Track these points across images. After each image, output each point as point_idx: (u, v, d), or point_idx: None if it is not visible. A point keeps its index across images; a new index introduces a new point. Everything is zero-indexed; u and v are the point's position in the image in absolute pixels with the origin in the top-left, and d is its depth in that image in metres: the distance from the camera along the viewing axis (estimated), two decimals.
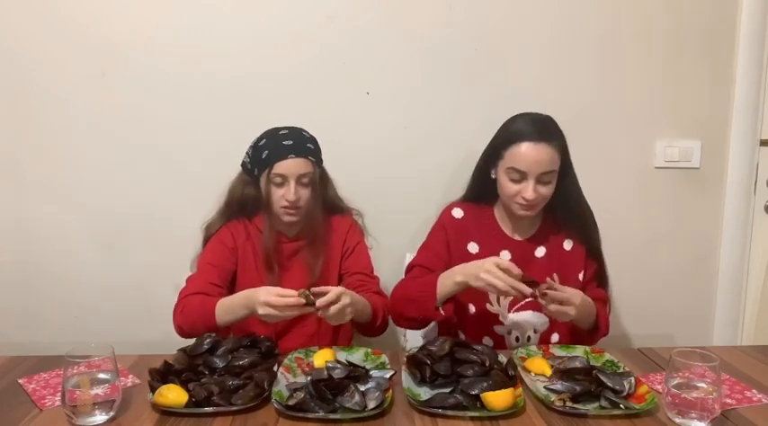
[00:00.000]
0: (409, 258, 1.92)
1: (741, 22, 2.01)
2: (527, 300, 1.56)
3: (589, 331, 1.53)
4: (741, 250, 2.14)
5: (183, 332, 1.48)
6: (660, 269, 2.14)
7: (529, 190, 1.49)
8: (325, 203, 1.65)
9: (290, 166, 1.53)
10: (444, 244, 1.63)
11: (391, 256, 1.91)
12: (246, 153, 1.62)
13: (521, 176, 1.50)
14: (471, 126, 1.98)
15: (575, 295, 1.41)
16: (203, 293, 1.50)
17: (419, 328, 1.63)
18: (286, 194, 1.54)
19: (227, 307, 1.43)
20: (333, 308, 1.32)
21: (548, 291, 1.39)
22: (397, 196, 2.01)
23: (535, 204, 1.53)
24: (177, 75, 1.93)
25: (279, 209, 1.57)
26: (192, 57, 1.92)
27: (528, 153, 1.48)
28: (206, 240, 1.65)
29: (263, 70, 1.94)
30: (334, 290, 1.33)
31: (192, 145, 1.96)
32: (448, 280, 1.44)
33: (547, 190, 1.52)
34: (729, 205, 2.11)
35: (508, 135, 1.54)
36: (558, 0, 1.98)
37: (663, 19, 2.01)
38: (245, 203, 1.63)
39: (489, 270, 1.35)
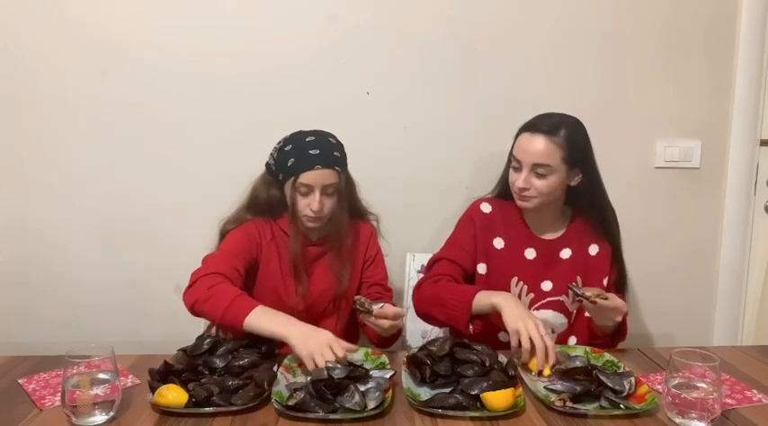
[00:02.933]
0: (410, 259, 1.93)
1: (741, 22, 2.01)
2: (548, 299, 1.59)
3: (611, 334, 1.54)
4: (741, 250, 2.13)
5: (194, 311, 1.40)
6: (660, 269, 2.14)
7: (521, 178, 1.52)
8: (349, 206, 1.63)
9: (316, 177, 1.50)
10: (472, 237, 1.62)
11: (391, 256, 1.90)
12: (271, 154, 1.59)
13: (518, 165, 1.54)
14: (471, 126, 1.98)
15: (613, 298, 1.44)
16: (225, 275, 1.42)
17: (439, 327, 1.66)
18: (311, 204, 1.52)
19: (264, 320, 1.32)
20: (388, 323, 1.38)
21: (597, 300, 1.39)
22: (396, 196, 2.00)
23: (529, 195, 1.53)
24: (177, 74, 1.93)
25: (302, 217, 1.56)
26: (192, 56, 1.92)
27: (523, 142, 1.53)
28: (223, 235, 1.61)
29: (263, 70, 1.94)
30: (396, 309, 1.40)
31: (192, 145, 1.96)
32: (485, 299, 1.42)
33: (541, 184, 1.52)
34: (729, 205, 2.11)
35: (520, 127, 1.57)
36: (559, 0, 1.98)
37: (663, 19, 2.01)
38: (270, 205, 1.60)
39: (532, 324, 1.31)
